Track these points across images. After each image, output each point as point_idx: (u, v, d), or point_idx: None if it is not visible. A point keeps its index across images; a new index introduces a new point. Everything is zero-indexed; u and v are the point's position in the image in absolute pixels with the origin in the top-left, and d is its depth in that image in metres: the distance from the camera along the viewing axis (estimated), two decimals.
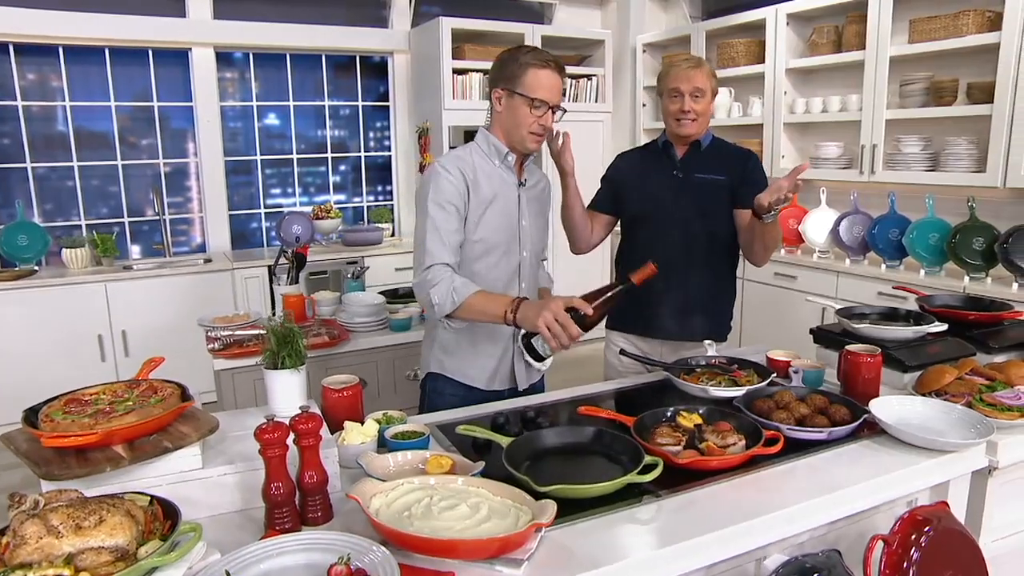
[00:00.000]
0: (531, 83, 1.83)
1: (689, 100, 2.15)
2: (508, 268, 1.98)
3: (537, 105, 1.84)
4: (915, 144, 3.71)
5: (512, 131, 1.89)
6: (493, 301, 1.74)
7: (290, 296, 2.74)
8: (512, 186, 1.96)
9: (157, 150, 4.66)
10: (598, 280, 5.53)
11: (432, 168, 1.88)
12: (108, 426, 1.20)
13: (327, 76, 5.12)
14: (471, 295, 1.74)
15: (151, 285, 4.13)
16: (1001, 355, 2.02)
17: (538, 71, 1.83)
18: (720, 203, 2.21)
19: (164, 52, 4.57)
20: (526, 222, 1.99)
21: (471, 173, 1.88)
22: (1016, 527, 1.69)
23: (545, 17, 5.74)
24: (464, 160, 1.90)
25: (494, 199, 1.91)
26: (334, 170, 5.29)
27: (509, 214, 1.95)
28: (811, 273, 4.01)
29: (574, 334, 1.59)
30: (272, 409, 1.51)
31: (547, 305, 1.60)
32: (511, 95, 1.86)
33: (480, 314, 1.76)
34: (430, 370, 2.06)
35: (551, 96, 1.85)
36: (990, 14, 3.41)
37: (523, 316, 1.65)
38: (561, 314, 1.58)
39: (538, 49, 1.88)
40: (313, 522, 1.25)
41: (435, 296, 1.76)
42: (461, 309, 1.75)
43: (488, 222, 1.90)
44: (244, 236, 5.03)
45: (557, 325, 1.58)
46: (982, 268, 3.36)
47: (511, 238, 1.96)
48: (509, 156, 1.93)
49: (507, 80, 1.86)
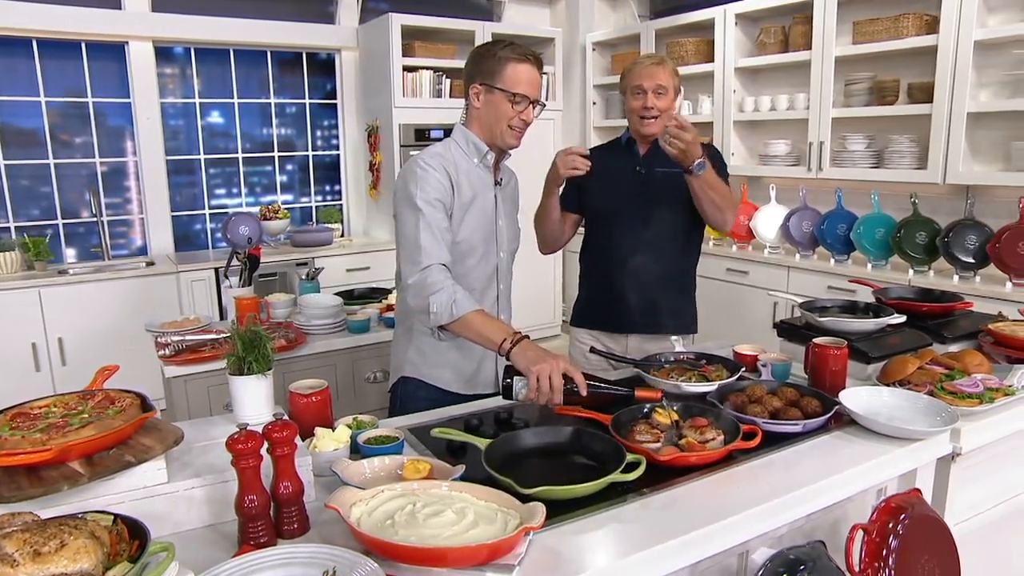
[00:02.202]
0: (511, 78, 1.79)
1: (652, 97, 2.17)
2: (486, 270, 1.94)
3: (518, 100, 1.80)
4: (860, 142, 3.83)
5: (492, 127, 1.85)
6: (493, 326, 1.67)
7: (243, 299, 2.63)
8: (490, 186, 1.93)
9: (93, 148, 4.43)
10: (550, 278, 5.55)
11: (414, 165, 1.81)
12: (63, 441, 1.12)
13: (273, 73, 4.97)
14: (471, 312, 1.67)
15: (89, 290, 3.92)
16: (954, 344, 2.09)
17: (517, 65, 1.79)
18: (681, 194, 2.19)
19: (98, 45, 4.34)
20: (502, 222, 1.97)
21: (453, 171, 1.84)
22: (977, 509, 1.75)
23: (494, 14, 5.71)
24: (446, 158, 1.85)
25: (474, 199, 1.87)
26: (281, 169, 5.14)
27: (487, 215, 1.91)
28: (762, 268, 4.10)
29: (556, 401, 1.56)
30: (238, 417, 1.43)
31: (547, 359, 1.54)
32: (490, 90, 1.82)
33: (475, 335, 1.68)
34: (403, 374, 1.98)
35: (531, 91, 1.81)
36: (927, 17, 3.54)
37: (520, 355, 1.58)
38: (558, 378, 1.53)
39: (515, 43, 1.84)
40: (289, 535, 1.19)
41: (434, 304, 1.68)
42: (457, 324, 1.68)
43: (468, 223, 1.85)
44: (188, 238, 4.84)
45: (547, 384, 1.53)
46: (925, 261, 3.49)
47: (489, 239, 1.93)
48: (489, 155, 1.89)
49: (485, 75, 1.82)
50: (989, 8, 3.36)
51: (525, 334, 1.64)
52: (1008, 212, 3.31)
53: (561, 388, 1.54)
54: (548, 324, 5.67)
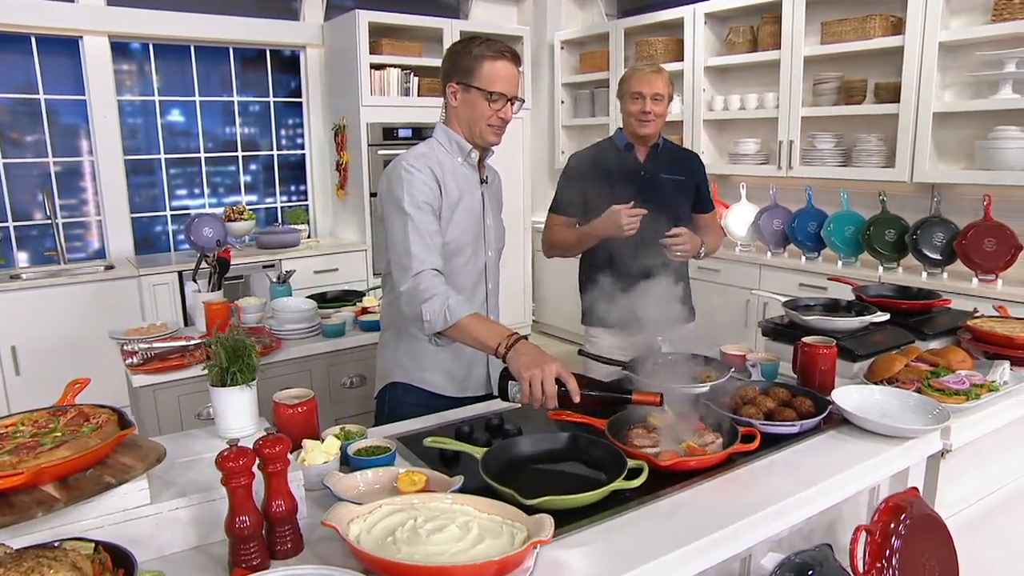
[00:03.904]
0: (487, 76, 1.76)
1: (650, 102, 2.33)
2: (475, 269, 1.91)
3: (495, 98, 1.77)
4: (829, 141, 3.88)
5: (471, 125, 1.81)
6: (488, 330, 1.63)
7: (213, 304, 2.53)
8: (476, 184, 1.89)
9: (45, 147, 4.24)
10: (520, 279, 5.52)
11: (399, 167, 1.77)
12: (36, 463, 1.03)
13: (235, 70, 4.82)
14: (465, 317, 1.63)
15: (44, 295, 3.74)
16: (934, 341, 2.12)
17: (494, 63, 1.75)
18: (684, 202, 2.37)
19: (50, 40, 4.15)
20: (490, 220, 1.93)
21: (439, 172, 1.80)
22: (964, 503, 1.76)
23: (461, 12, 5.65)
24: (431, 158, 1.81)
25: (461, 198, 1.83)
26: (245, 169, 5.00)
27: (475, 214, 1.88)
28: (734, 266, 4.12)
29: (549, 406, 1.52)
30: (221, 430, 1.36)
31: (541, 363, 1.50)
32: (466, 89, 1.78)
33: (471, 339, 1.65)
34: (392, 379, 1.94)
35: (508, 88, 1.78)
36: (893, 19, 3.60)
37: (514, 359, 1.54)
38: (550, 384, 1.49)
39: (491, 40, 1.80)
40: (283, 555, 1.12)
41: (427, 312, 1.64)
42: (453, 329, 1.64)
43: (456, 223, 1.82)
44: (148, 240, 4.67)
45: (540, 389, 1.49)
46: (894, 258, 3.55)
47: (477, 238, 1.89)
48: (472, 153, 1.86)
49: (461, 74, 1.78)
50: (952, 11, 3.43)
51: (522, 335, 1.60)
52: (973, 210, 3.38)
53: (554, 394, 1.50)
54: (518, 324, 5.63)
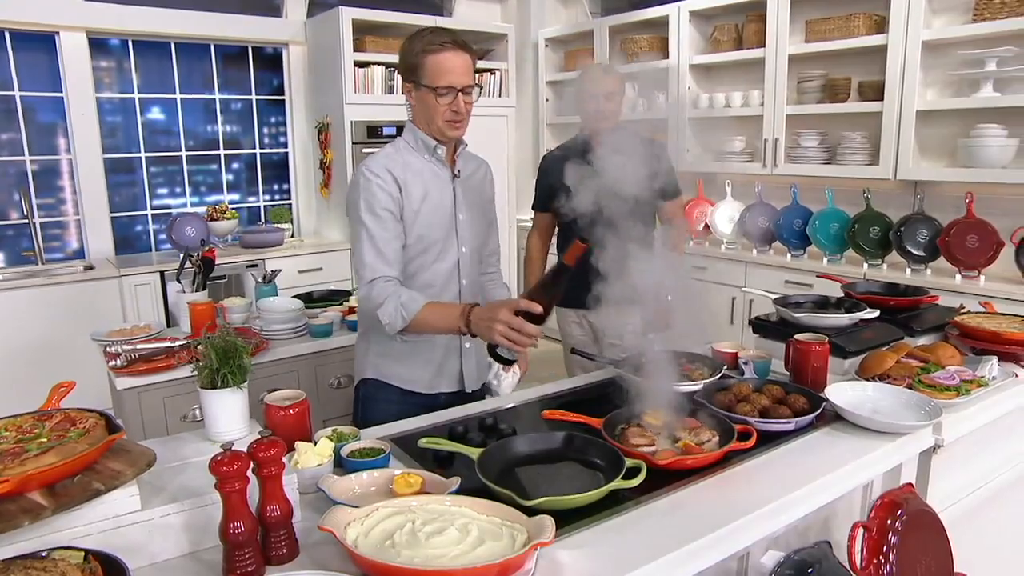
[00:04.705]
0: (431, 71, 1.73)
1: (603, 101, 2.45)
2: (446, 265, 1.89)
3: (443, 92, 1.73)
4: (813, 139, 3.91)
5: (429, 123, 1.79)
6: (444, 313, 1.71)
7: (198, 304, 2.49)
8: (446, 179, 1.87)
9: (21, 145, 4.15)
10: (504, 275, 5.49)
11: (358, 173, 1.79)
12: (22, 470, 1.00)
13: (217, 67, 4.76)
14: (420, 309, 1.70)
15: (21, 296, 3.67)
16: (923, 337, 2.13)
17: (436, 56, 1.72)
18: None
19: (26, 35, 4.07)
20: (463, 215, 1.90)
21: (401, 172, 1.79)
22: (955, 498, 1.77)
23: (445, 10, 5.62)
24: (393, 159, 1.80)
25: (427, 195, 1.82)
26: (227, 168, 4.94)
27: (444, 209, 1.85)
28: (719, 264, 4.14)
29: (532, 332, 1.56)
30: (212, 434, 1.34)
31: (497, 315, 1.56)
32: (417, 87, 1.76)
33: (433, 328, 1.74)
34: (365, 376, 1.95)
35: (456, 79, 1.73)
36: (876, 17, 3.63)
37: (477, 328, 1.63)
38: (513, 320, 1.54)
39: (434, 31, 1.76)
40: (278, 561, 1.10)
41: (383, 316, 1.71)
42: (413, 324, 1.71)
43: (423, 220, 1.81)
44: (128, 240, 4.59)
45: (513, 332, 1.55)
46: (879, 255, 3.58)
47: (448, 234, 1.87)
48: (439, 149, 1.84)
49: (409, 74, 1.76)
50: (934, 10, 3.46)
51: (473, 304, 1.68)
52: (955, 207, 3.42)
53: (524, 323, 1.54)
54: None
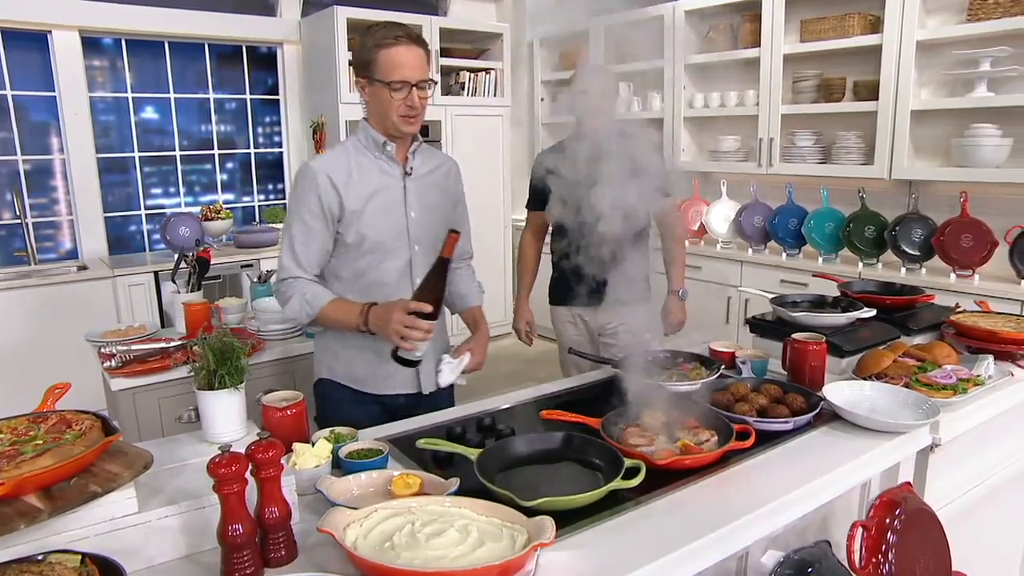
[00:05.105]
0: (384, 66, 1.70)
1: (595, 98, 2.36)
2: (397, 265, 1.85)
3: (396, 87, 1.70)
4: (808, 138, 3.91)
5: (383, 119, 1.77)
6: (346, 310, 1.76)
7: (193, 305, 2.47)
8: (396, 177, 1.83)
9: (14, 145, 4.12)
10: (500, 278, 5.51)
11: (299, 170, 1.80)
12: (18, 473, 0.99)
13: (211, 67, 4.74)
14: (325, 305, 1.76)
15: (14, 297, 3.64)
16: (919, 336, 2.14)
17: (388, 51, 1.70)
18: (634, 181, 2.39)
19: (17, 34, 4.04)
20: (416, 214, 1.86)
21: (344, 172, 1.77)
22: (951, 496, 1.78)
23: (440, 9, 5.61)
24: (336, 159, 1.80)
25: (374, 194, 1.80)
26: (221, 168, 4.92)
27: (393, 208, 1.82)
28: (715, 263, 4.14)
29: (425, 328, 1.64)
30: (209, 435, 1.33)
31: (390, 316, 1.64)
32: (370, 83, 1.74)
33: (338, 324, 1.79)
34: (320, 376, 1.96)
35: (409, 73, 1.71)
36: (871, 17, 3.64)
37: (375, 327, 1.71)
38: (406, 319, 1.62)
39: (387, 26, 1.74)
40: (277, 563, 1.09)
41: (288, 311, 1.79)
42: (321, 320, 1.77)
43: (367, 219, 1.78)
44: (122, 240, 4.57)
45: (407, 330, 1.62)
46: (874, 254, 3.59)
47: (398, 234, 1.83)
48: (388, 146, 1.81)
49: (362, 69, 1.75)
50: (928, 10, 3.47)
51: (371, 303, 1.72)
52: (949, 206, 3.43)
53: (416, 320, 1.61)
54: (498, 323, 5.61)
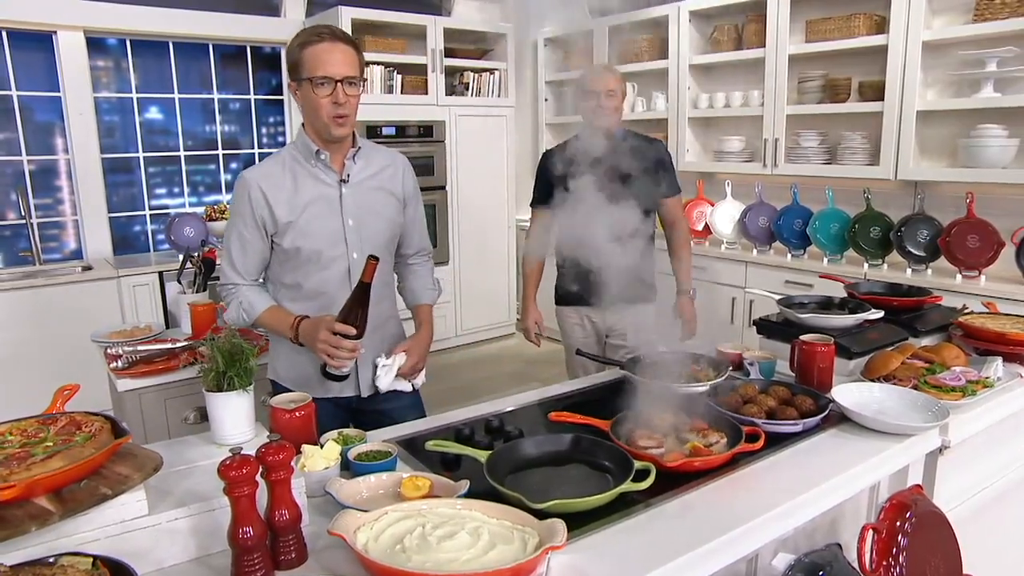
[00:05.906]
0: (308, 64, 1.69)
1: (604, 98, 2.48)
2: (336, 272, 1.84)
3: (319, 83, 1.68)
4: (813, 139, 3.90)
5: (315, 122, 1.74)
6: (279, 320, 1.81)
7: (198, 305, 2.47)
8: (332, 185, 1.82)
9: (19, 145, 4.13)
10: (503, 279, 5.51)
11: (237, 180, 1.82)
12: (28, 475, 0.99)
13: (215, 67, 4.74)
14: (261, 313, 1.82)
15: (19, 298, 3.65)
16: (927, 338, 2.13)
17: (312, 48, 1.69)
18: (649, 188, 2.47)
19: (23, 34, 4.05)
20: (353, 221, 1.83)
21: (273, 184, 1.77)
22: (961, 498, 1.77)
23: (444, 9, 5.61)
24: (271, 169, 1.80)
25: (308, 204, 1.79)
26: (226, 168, 4.92)
27: (329, 216, 1.81)
28: (720, 264, 4.14)
29: (349, 347, 1.67)
30: (218, 437, 1.33)
31: (316, 334, 1.67)
32: (299, 84, 1.73)
33: (274, 331, 1.85)
34: (269, 377, 1.98)
35: (333, 69, 1.68)
36: (877, 17, 3.63)
37: (304, 340, 1.75)
38: (332, 339, 1.65)
39: (315, 27, 1.73)
40: (287, 565, 1.09)
41: (228, 317, 1.85)
42: (260, 324, 1.84)
43: (303, 228, 1.78)
44: (127, 240, 4.57)
45: (332, 349, 1.66)
46: (879, 255, 3.58)
47: (335, 242, 1.82)
48: (322, 154, 1.79)
49: (293, 72, 1.74)
50: (934, 10, 3.46)
51: (302, 317, 1.77)
52: (955, 207, 3.42)
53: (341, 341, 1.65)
54: (502, 323, 5.62)
